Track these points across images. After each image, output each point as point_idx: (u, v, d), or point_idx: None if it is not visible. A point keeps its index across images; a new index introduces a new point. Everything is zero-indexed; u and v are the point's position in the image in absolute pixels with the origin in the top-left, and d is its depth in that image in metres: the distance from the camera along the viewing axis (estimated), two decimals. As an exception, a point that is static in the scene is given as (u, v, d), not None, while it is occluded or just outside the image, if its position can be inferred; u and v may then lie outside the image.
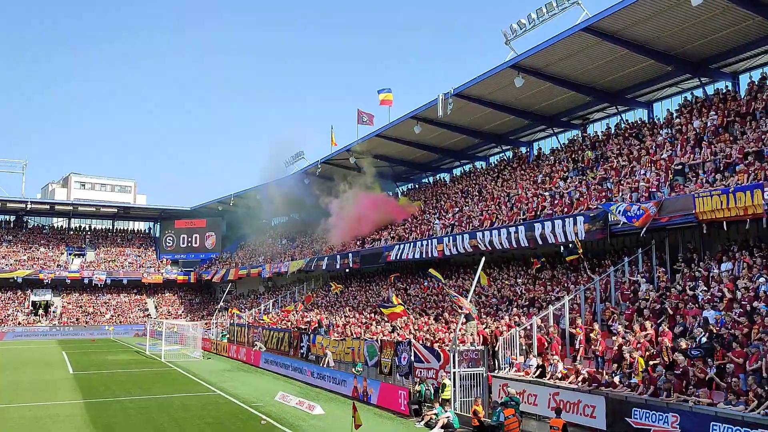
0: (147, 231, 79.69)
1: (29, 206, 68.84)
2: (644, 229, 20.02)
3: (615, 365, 16.56)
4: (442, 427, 18.61)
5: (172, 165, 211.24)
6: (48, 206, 73.88)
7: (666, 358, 15.52)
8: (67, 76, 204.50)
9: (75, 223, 76.01)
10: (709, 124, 22.49)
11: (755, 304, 15.49)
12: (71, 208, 73.99)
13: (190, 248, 73.73)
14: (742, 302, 15.89)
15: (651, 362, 15.77)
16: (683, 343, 15.49)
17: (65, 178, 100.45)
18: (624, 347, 16.79)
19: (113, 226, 77.65)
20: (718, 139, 21.17)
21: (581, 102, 31.04)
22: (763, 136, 19.29)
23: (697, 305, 17.20)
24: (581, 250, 22.35)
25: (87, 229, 76.24)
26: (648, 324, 17.31)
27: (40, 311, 65.49)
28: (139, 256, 73.97)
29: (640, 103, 29.90)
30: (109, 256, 72.27)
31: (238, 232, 70.61)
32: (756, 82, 22.81)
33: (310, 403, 22.34)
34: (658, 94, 29.27)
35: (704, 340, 15.28)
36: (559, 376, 17.61)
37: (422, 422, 19.36)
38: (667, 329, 16.55)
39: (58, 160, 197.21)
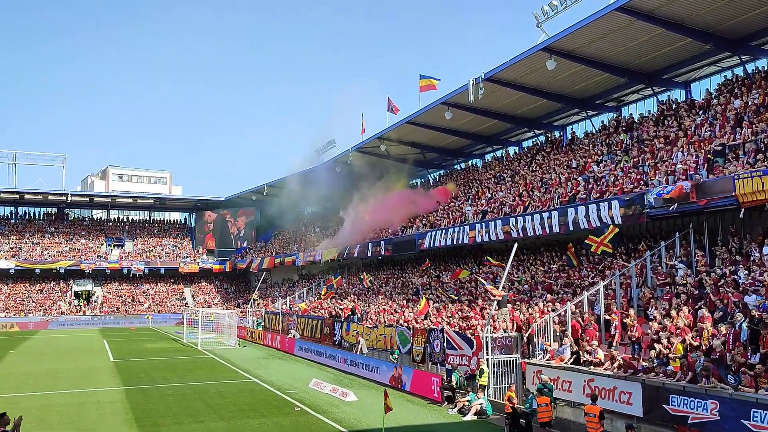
0: (183, 221, 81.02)
1: (70, 199, 70.56)
2: (675, 205, 19.46)
3: (652, 351, 16.24)
4: (475, 414, 18.57)
5: (206, 156, 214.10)
6: (87, 198, 75.64)
7: (705, 344, 15.16)
8: (103, 70, 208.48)
9: (113, 214, 77.71)
10: (750, 103, 21.77)
11: (799, 288, 14.99)
12: (110, 200, 75.69)
13: (224, 238, 74.75)
14: (785, 286, 15.40)
15: (689, 348, 15.42)
16: (723, 329, 15.12)
17: (103, 170, 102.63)
18: (661, 333, 16.46)
19: (150, 216, 79.18)
20: (759, 118, 20.46)
21: (615, 84, 30.36)
22: (806, 115, 18.60)
23: (737, 290, 16.75)
24: (609, 249, 21.79)
25: (125, 220, 77.94)
26: (686, 309, 16.93)
27: (82, 301, 67.26)
28: (175, 246, 75.33)
29: (678, 84, 29.11)
30: (146, 247, 73.75)
31: (272, 221, 71.35)
32: (799, 59, 21.98)
33: (344, 390, 22.47)
34: (696, 74, 28.44)
35: (745, 325, 14.87)
36: (596, 362, 17.36)
37: (455, 409, 19.33)
38: (706, 314, 16.16)
39: (96, 153, 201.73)
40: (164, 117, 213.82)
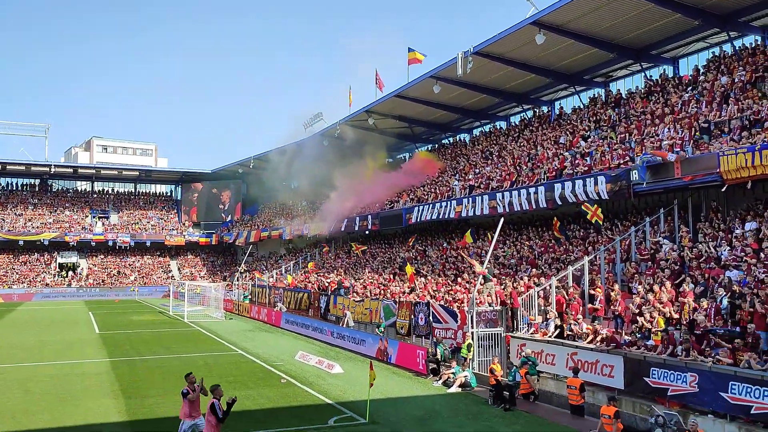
0: (169, 194, 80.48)
1: (53, 170, 69.74)
2: (661, 160, 19.65)
3: (634, 325, 16.47)
4: (459, 386, 18.81)
5: (192, 129, 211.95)
6: (71, 170, 74.83)
7: (686, 318, 15.39)
8: (87, 39, 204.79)
9: (98, 186, 77.00)
10: (736, 80, 21.82)
11: (779, 263, 15.21)
12: (94, 171, 74.95)
13: (211, 210, 74.39)
14: (766, 261, 15.61)
15: (671, 322, 15.65)
16: (705, 303, 15.34)
17: (87, 141, 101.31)
18: (644, 307, 16.68)
19: (135, 189, 78.56)
20: (745, 95, 20.54)
21: (604, 59, 30.26)
22: (792, 92, 18.68)
23: (719, 265, 16.96)
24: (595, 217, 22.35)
25: (110, 192, 77.28)
26: (668, 284, 17.14)
27: (68, 273, 66.90)
28: (161, 219, 74.93)
29: (666, 60, 29.07)
30: (132, 219, 73.27)
31: (259, 194, 70.97)
32: (787, 36, 22.01)
33: (330, 362, 22.63)
34: (684, 50, 28.42)
35: (725, 300, 15.10)
36: (580, 335, 17.58)
37: (440, 381, 19.56)
38: (688, 289, 16.38)
39: (80, 124, 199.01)
40: (149, 89, 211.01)
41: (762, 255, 16.02)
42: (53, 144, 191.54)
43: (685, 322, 15.25)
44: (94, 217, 71.75)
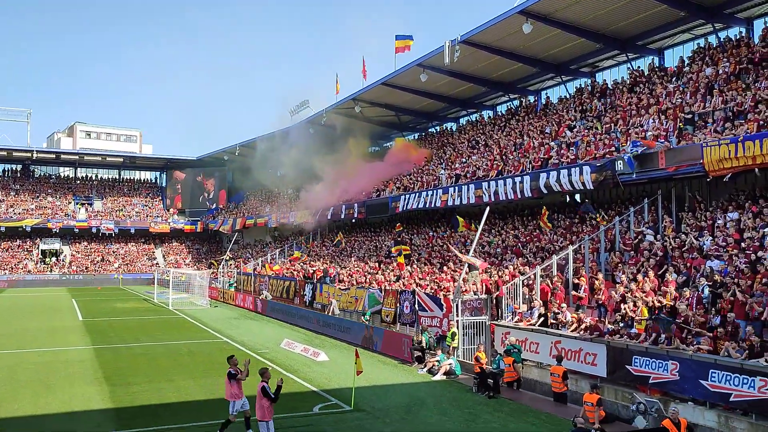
0: (153, 181, 79.81)
1: (35, 155, 68.86)
2: (647, 150, 19.76)
3: (617, 314, 16.64)
4: (444, 374, 18.93)
5: (177, 115, 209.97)
6: (54, 155, 73.93)
7: (667, 306, 15.57)
8: (69, 24, 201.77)
9: (81, 172, 76.17)
10: (721, 71, 21.98)
11: (760, 253, 15.41)
12: (77, 157, 74.07)
13: (196, 198, 73.91)
14: (747, 252, 15.82)
15: (654, 311, 15.83)
16: (686, 293, 15.53)
17: (70, 127, 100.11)
18: (627, 296, 16.85)
19: (120, 175, 77.82)
20: (729, 87, 20.71)
21: (590, 49, 30.34)
22: (775, 84, 18.85)
23: (702, 255, 17.16)
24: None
25: (93, 178, 76.46)
26: (651, 273, 17.32)
27: (51, 259, 66.27)
28: (146, 206, 74.35)
29: (651, 51, 29.21)
30: (116, 206, 72.63)
31: (245, 182, 70.43)
32: (771, 28, 22.17)
33: (315, 350, 22.67)
34: (669, 41, 28.56)
35: (707, 289, 15.29)
36: (564, 324, 17.74)
37: (425, 369, 19.67)
38: (670, 279, 16.57)
39: (62, 109, 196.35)
40: (133, 74, 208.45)
41: (743, 245, 16.22)
42: (35, 130, 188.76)
43: (666, 311, 15.43)
44: (77, 203, 71.02)
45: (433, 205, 31.92)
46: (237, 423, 12.97)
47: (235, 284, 47.35)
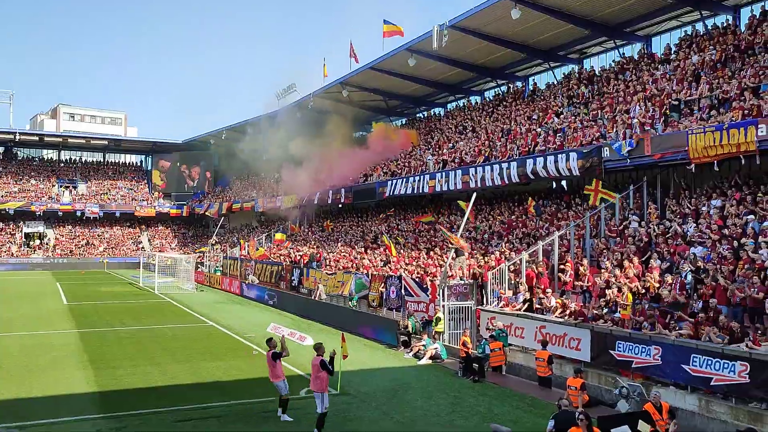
0: (138, 164, 79.04)
1: (18, 137, 67.89)
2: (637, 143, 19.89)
3: (602, 300, 16.80)
4: (430, 358, 19.05)
5: (163, 99, 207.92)
6: (37, 137, 72.94)
7: (651, 292, 15.75)
8: (53, 3, 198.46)
9: (65, 155, 75.22)
10: (707, 59, 22.07)
11: (743, 240, 15.59)
12: (61, 140, 73.12)
13: (181, 182, 73.37)
14: (730, 238, 16.00)
15: (637, 296, 16.00)
16: (669, 279, 15.70)
17: (54, 109, 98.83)
18: (611, 282, 17.01)
19: (104, 158, 76.96)
20: (715, 74, 20.82)
21: (579, 36, 30.33)
22: (761, 72, 18.97)
23: (685, 241, 17.33)
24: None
25: (77, 161, 75.54)
26: (636, 259, 17.48)
27: (35, 243, 65.64)
28: (131, 189, 73.67)
29: (639, 37, 29.25)
30: (101, 189, 71.92)
31: (231, 166, 70.02)
32: (757, 16, 22.27)
33: (301, 334, 22.64)
34: (657, 28, 28.60)
35: (690, 275, 15.47)
36: (549, 309, 17.89)
37: (411, 353, 19.78)
38: (654, 265, 16.73)
39: (45, 91, 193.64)
40: (118, 55, 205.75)
41: (726, 232, 16.40)
42: (18, 111, 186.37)
43: (649, 297, 15.61)
44: (61, 186, 70.21)
45: (420, 191, 31.93)
46: (243, 408, 13.23)
47: (221, 268, 47.22)
